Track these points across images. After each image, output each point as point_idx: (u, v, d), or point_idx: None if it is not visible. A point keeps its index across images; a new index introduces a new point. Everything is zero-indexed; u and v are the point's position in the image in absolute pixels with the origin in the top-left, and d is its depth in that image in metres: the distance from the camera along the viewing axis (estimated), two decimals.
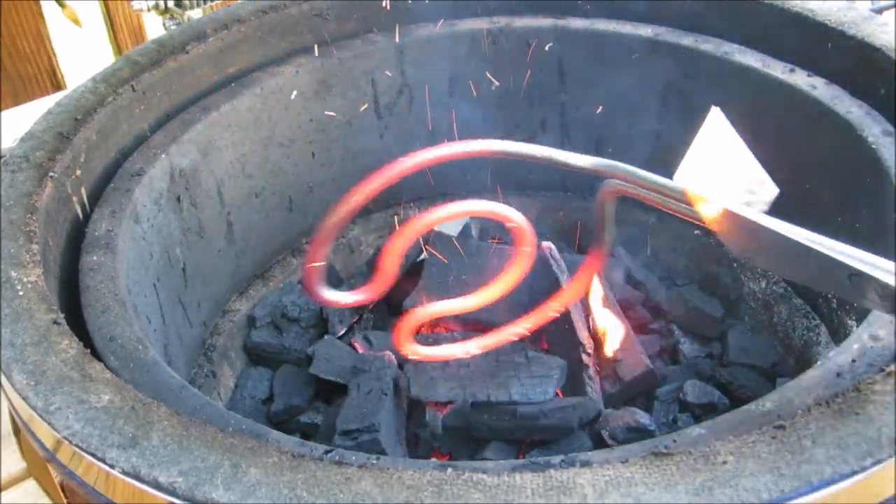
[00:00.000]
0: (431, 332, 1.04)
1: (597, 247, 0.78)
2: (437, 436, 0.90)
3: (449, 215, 0.75)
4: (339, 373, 0.98)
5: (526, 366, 0.91)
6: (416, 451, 0.90)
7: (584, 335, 0.96)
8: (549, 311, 0.83)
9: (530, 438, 0.87)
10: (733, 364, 1.01)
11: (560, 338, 0.98)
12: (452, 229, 1.29)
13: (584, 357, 0.93)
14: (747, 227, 0.56)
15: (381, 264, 0.73)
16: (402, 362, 0.96)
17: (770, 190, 0.60)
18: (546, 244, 1.05)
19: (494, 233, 1.24)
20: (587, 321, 0.99)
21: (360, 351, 1.01)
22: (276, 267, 1.20)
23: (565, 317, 0.95)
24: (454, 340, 0.98)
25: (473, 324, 1.04)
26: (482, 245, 1.18)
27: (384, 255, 0.73)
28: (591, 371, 0.93)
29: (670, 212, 0.66)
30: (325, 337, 1.04)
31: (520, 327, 0.82)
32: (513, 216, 0.74)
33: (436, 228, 1.23)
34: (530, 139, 1.21)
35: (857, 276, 0.52)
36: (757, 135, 1.05)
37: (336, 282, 1.18)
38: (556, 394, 0.93)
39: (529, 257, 0.77)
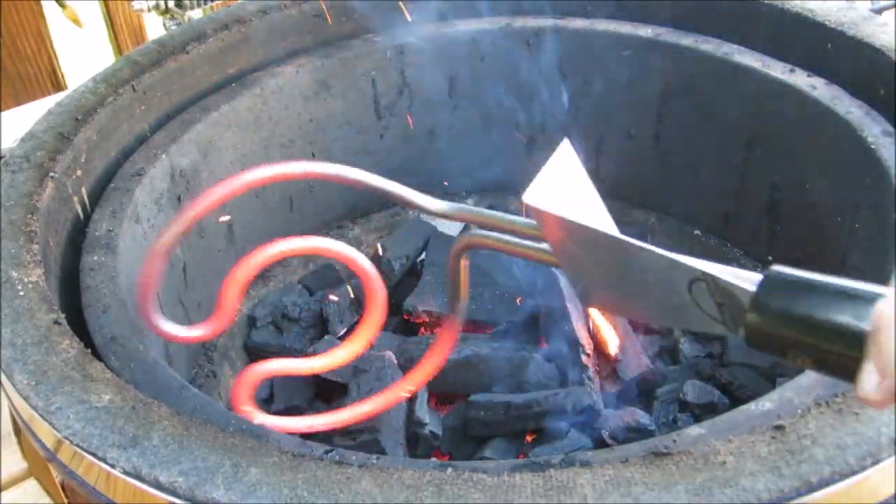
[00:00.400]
0: (432, 333, 1.05)
1: (451, 311, 0.73)
2: (437, 435, 0.90)
3: (294, 250, 0.73)
4: (339, 373, 0.98)
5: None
6: (415, 451, 0.90)
7: (583, 336, 0.96)
8: (399, 392, 0.79)
9: (526, 429, 0.88)
10: (733, 364, 1.01)
11: (559, 339, 0.98)
12: (452, 229, 1.29)
13: (584, 358, 0.93)
14: (589, 240, 0.55)
15: (222, 298, 0.70)
16: (403, 364, 0.96)
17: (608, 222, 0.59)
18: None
19: None
20: (587, 322, 0.99)
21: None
22: (277, 267, 1.20)
23: (565, 318, 0.96)
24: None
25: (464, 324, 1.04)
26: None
27: (224, 288, 0.70)
28: (591, 372, 0.93)
29: (525, 256, 0.64)
30: (325, 337, 1.04)
31: (364, 408, 0.78)
32: (360, 262, 0.72)
33: (437, 227, 1.23)
34: (530, 140, 1.21)
35: (698, 282, 0.49)
36: (757, 135, 1.06)
37: (336, 282, 1.18)
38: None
39: (381, 316, 0.75)
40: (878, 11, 1.33)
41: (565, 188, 0.59)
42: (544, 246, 0.61)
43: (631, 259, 0.52)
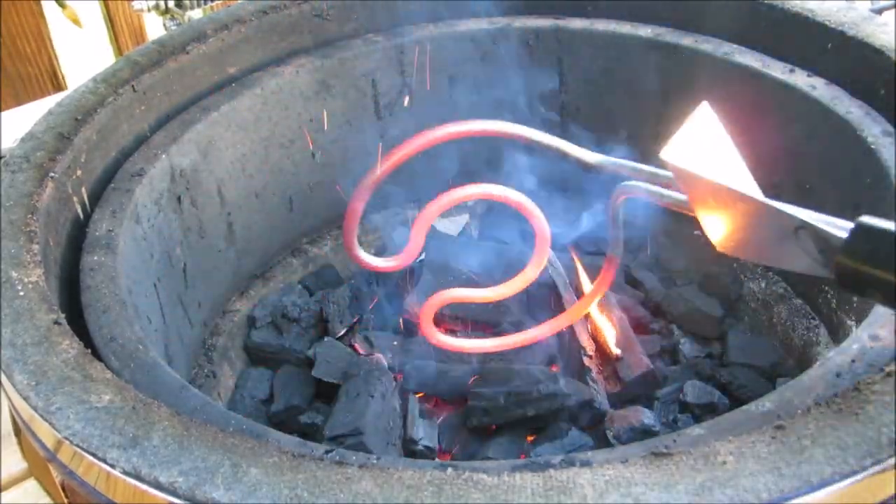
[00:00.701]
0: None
1: (611, 251, 0.83)
2: (433, 449, 0.91)
3: (476, 194, 0.82)
4: (341, 375, 0.98)
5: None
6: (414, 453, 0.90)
7: (584, 338, 0.96)
8: (574, 313, 0.88)
9: (527, 416, 0.88)
10: (733, 364, 1.01)
11: (561, 341, 0.98)
12: (452, 229, 1.29)
13: (586, 360, 0.93)
14: (714, 193, 0.62)
15: (413, 233, 0.80)
16: (392, 367, 0.97)
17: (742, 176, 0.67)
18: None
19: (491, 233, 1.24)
20: (587, 323, 0.99)
21: (361, 352, 1.01)
22: (277, 267, 1.20)
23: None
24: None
25: (475, 323, 1.04)
26: (481, 244, 1.18)
27: (416, 223, 0.79)
28: (594, 373, 0.93)
29: (669, 206, 0.73)
30: (325, 339, 1.04)
31: (542, 330, 0.88)
32: (532, 209, 0.80)
33: (437, 227, 1.23)
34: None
35: (802, 230, 0.56)
36: (757, 135, 1.06)
37: (335, 283, 1.18)
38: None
39: (543, 256, 0.83)
40: (878, 11, 1.33)
41: (701, 144, 0.66)
42: (685, 197, 0.68)
43: (752, 210, 0.60)
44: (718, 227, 0.65)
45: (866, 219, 0.53)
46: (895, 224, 0.52)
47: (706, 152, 0.66)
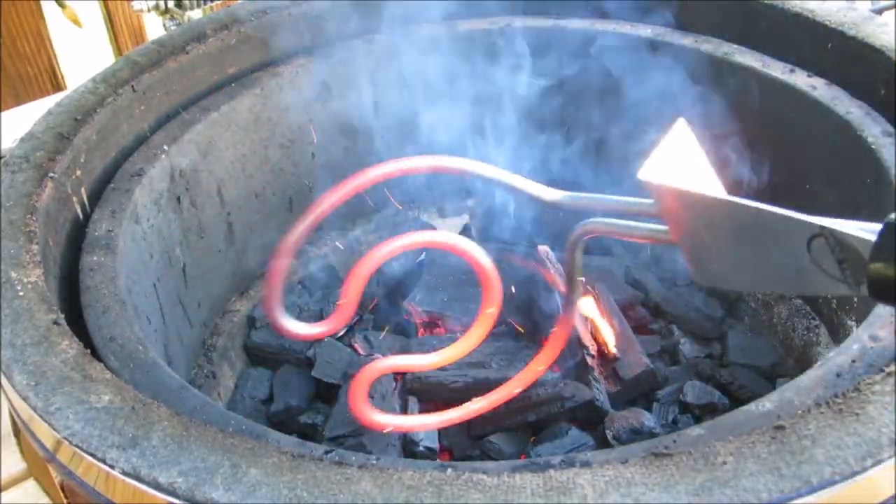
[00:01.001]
0: (432, 334, 1.05)
1: (567, 306, 0.75)
2: (434, 450, 0.90)
3: (410, 244, 0.77)
4: (341, 375, 0.98)
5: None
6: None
7: (586, 338, 0.96)
8: (525, 379, 0.81)
9: (527, 421, 0.88)
10: (733, 364, 1.01)
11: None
12: (452, 230, 1.29)
13: (589, 360, 0.93)
14: (705, 209, 0.55)
15: (344, 295, 0.72)
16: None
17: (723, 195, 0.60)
18: (543, 248, 1.05)
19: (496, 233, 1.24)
20: (587, 324, 0.99)
21: (361, 352, 1.01)
22: None
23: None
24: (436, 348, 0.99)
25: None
26: (481, 245, 1.18)
27: (347, 284, 0.72)
28: (596, 373, 0.93)
29: (641, 239, 0.66)
30: (325, 339, 1.04)
31: (488, 400, 0.81)
32: (482, 260, 0.73)
33: (437, 227, 1.23)
34: (529, 140, 1.21)
35: (818, 239, 0.49)
36: (757, 135, 1.06)
37: (335, 283, 1.18)
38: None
39: (494, 315, 0.76)
40: (878, 11, 1.33)
41: (679, 164, 0.60)
42: (660, 226, 0.61)
43: (748, 223, 0.52)
44: (707, 255, 0.58)
45: None
46: None
47: (684, 172, 0.59)
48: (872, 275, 0.45)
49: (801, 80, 0.97)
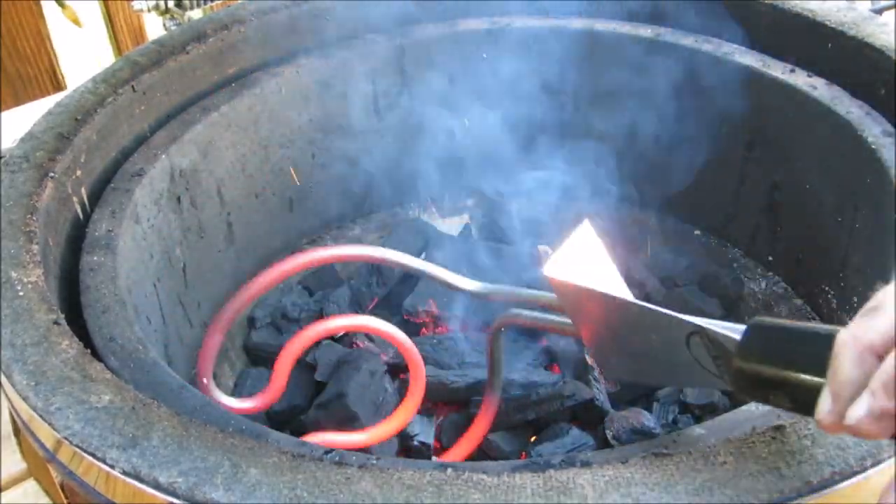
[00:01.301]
0: (433, 334, 1.05)
1: (490, 387, 0.81)
2: (429, 445, 0.91)
3: (344, 327, 0.85)
4: (322, 373, 0.99)
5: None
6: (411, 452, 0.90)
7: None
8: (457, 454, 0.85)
9: (527, 419, 0.88)
10: None
11: (561, 341, 0.98)
12: (453, 230, 1.29)
13: (588, 359, 0.93)
14: (599, 304, 0.59)
15: (276, 368, 0.79)
16: (397, 364, 0.97)
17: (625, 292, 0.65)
18: (543, 248, 1.05)
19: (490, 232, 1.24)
20: None
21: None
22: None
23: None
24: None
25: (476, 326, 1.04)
26: (481, 245, 1.18)
27: (279, 359, 0.79)
28: (597, 373, 0.93)
29: (554, 331, 0.72)
30: (324, 342, 1.04)
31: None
32: (400, 339, 0.80)
33: (437, 227, 1.23)
34: (530, 140, 1.21)
35: (694, 336, 0.53)
36: (757, 135, 1.06)
37: (335, 283, 1.18)
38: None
39: (421, 389, 0.83)
40: (879, 11, 1.33)
41: (583, 262, 0.64)
42: (569, 319, 0.66)
43: (637, 320, 0.56)
44: (607, 349, 0.62)
45: (762, 318, 0.49)
46: (791, 321, 0.49)
47: (588, 269, 0.64)
48: (735, 371, 0.49)
49: (801, 80, 0.97)
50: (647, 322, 0.56)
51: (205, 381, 0.75)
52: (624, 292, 0.64)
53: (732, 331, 0.50)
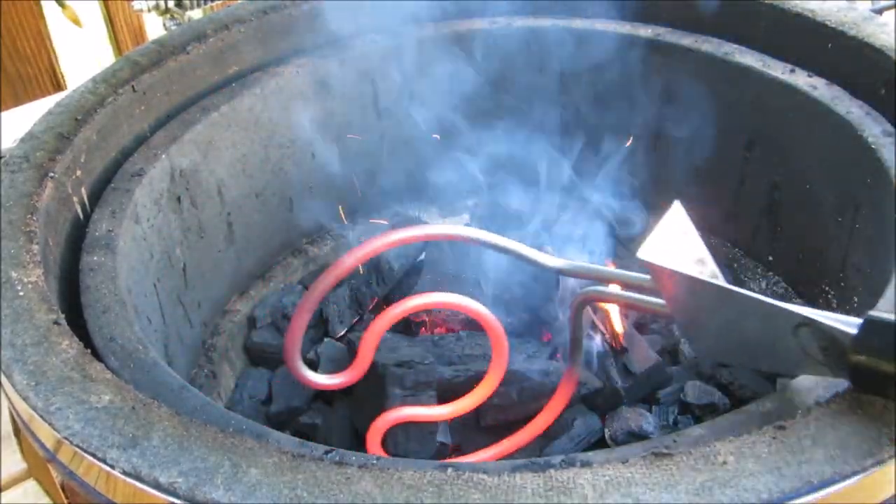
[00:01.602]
0: (433, 333, 1.04)
1: (572, 363, 0.80)
2: (447, 445, 0.90)
3: (425, 304, 0.82)
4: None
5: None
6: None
7: (602, 325, 0.96)
8: (530, 431, 0.85)
9: (541, 407, 0.88)
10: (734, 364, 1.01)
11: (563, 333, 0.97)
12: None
13: (606, 346, 0.93)
14: (699, 291, 0.59)
15: (360, 348, 0.79)
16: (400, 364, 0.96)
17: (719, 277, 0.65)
18: (548, 249, 1.05)
19: None
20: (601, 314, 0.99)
21: None
22: (277, 267, 1.20)
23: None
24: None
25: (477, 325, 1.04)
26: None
27: (363, 340, 0.78)
28: (612, 360, 0.93)
29: (639, 309, 0.71)
30: (325, 340, 1.04)
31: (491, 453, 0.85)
32: (488, 318, 0.79)
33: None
34: (529, 140, 1.21)
35: (803, 327, 0.53)
36: (757, 135, 1.06)
37: (336, 282, 1.18)
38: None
39: (502, 367, 0.82)
40: (879, 11, 1.33)
41: (677, 245, 0.64)
42: (658, 300, 0.66)
43: (740, 308, 0.57)
44: (701, 332, 0.62)
45: (876, 313, 0.51)
46: None
47: (681, 252, 0.64)
48: (853, 365, 0.50)
49: (801, 80, 0.97)
50: (750, 311, 0.56)
51: (294, 358, 0.75)
52: (720, 278, 0.64)
53: (845, 324, 0.51)
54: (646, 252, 0.61)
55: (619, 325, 0.97)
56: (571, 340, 0.79)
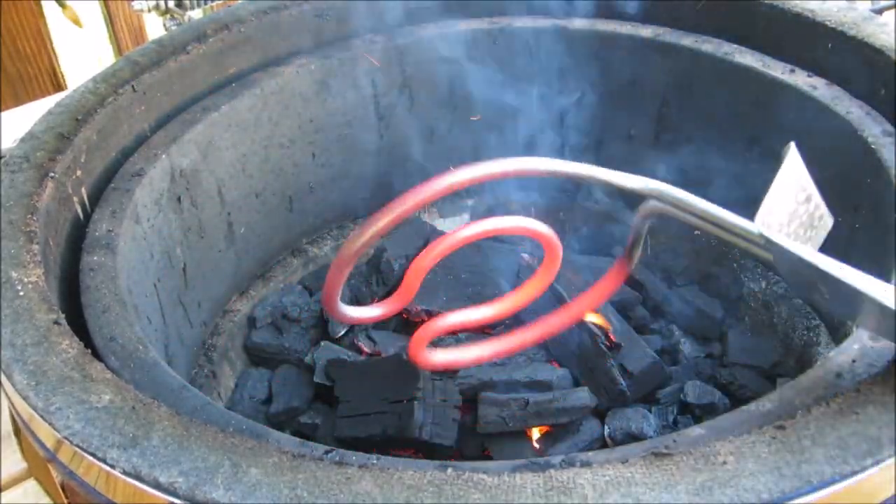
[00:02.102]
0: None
1: (625, 259, 0.77)
2: (452, 448, 0.90)
3: (479, 233, 0.74)
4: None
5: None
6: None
7: (596, 328, 0.96)
8: (579, 310, 0.81)
9: (545, 425, 0.88)
10: (733, 364, 1.01)
11: (566, 331, 0.97)
12: (452, 228, 1.29)
13: (603, 347, 0.93)
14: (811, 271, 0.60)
15: (406, 279, 0.75)
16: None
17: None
18: (526, 257, 1.06)
19: None
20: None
21: (365, 350, 1.01)
22: (277, 267, 1.20)
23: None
24: (461, 343, 0.98)
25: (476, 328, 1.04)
26: (481, 244, 1.18)
27: (410, 270, 0.74)
28: (611, 362, 0.92)
29: (709, 232, 0.69)
30: (322, 343, 1.04)
31: (534, 333, 0.80)
32: (541, 230, 0.74)
33: (438, 229, 1.23)
34: (529, 140, 1.21)
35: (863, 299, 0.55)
36: (757, 135, 1.06)
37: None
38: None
39: (552, 273, 0.77)
40: (879, 11, 1.33)
41: (792, 204, 0.65)
42: (740, 239, 0.66)
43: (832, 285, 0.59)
44: (798, 278, 0.63)
45: None
46: None
47: (795, 210, 0.65)
48: None
49: (801, 80, 0.97)
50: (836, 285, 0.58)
51: (333, 298, 0.70)
52: (823, 212, 0.67)
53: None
54: (763, 223, 0.62)
55: (613, 323, 0.97)
56: (632, 238, 0.75)
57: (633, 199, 0.71)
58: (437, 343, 0.97)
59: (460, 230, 0.73)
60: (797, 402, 0.59)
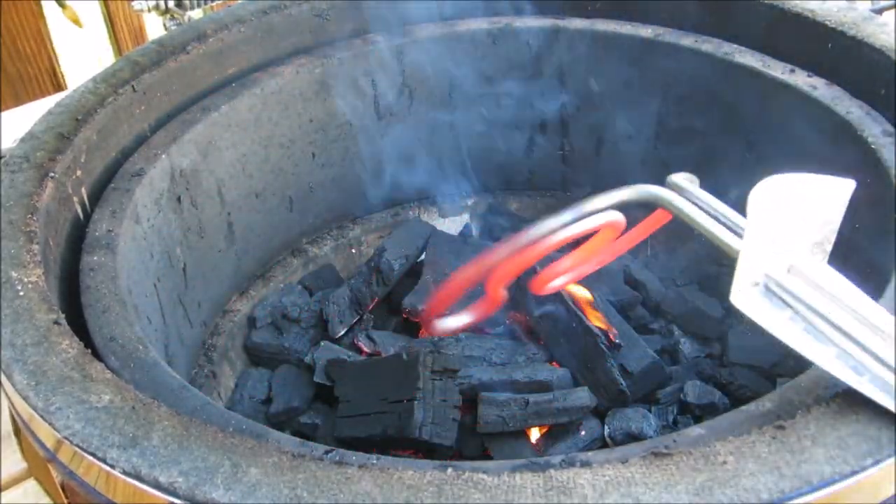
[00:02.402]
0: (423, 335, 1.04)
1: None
2: (451, 448, 0.90)
3: (559, 242, 0.72)
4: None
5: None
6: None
7: (594, 325, 0.96)
8: (603, 254, 0.81)
9: (544, 424, 0.88)
10: (733, 364, 1.01)
11: (565, 331, 0.97)
12: (452, 228, 1.29)
13: (603, 346, 0.92)
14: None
15: (489, 290, 0.75)
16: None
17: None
18: None
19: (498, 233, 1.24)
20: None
21: (365, 350, 1.01)
22: (277, 267, 1.20)
23: (570, 310, 0.95)
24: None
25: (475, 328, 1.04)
26: (481, 244, 1.18)
27: (491, 282, 0.73)
28: (612, 361, 0.92)
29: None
30: (322, 343, 1.04)
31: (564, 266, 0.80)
32: (616, 220, 0.76)
33: (437, 227, 1.23)
34: (529, 139, 1.21)
35: None
36: (757, 135, 1.06)
37: (335, 283, 1.18)
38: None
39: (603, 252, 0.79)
40: (879, 11, 1.33)
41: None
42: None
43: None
44: None
45: None
46: None
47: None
48: None
49: (801, 80, 0.97)
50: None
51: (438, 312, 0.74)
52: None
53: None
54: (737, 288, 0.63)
55: (612, 322, 0.97)
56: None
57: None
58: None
59: (542, 242, 0.71)
60: (797, 402, 0.59)
